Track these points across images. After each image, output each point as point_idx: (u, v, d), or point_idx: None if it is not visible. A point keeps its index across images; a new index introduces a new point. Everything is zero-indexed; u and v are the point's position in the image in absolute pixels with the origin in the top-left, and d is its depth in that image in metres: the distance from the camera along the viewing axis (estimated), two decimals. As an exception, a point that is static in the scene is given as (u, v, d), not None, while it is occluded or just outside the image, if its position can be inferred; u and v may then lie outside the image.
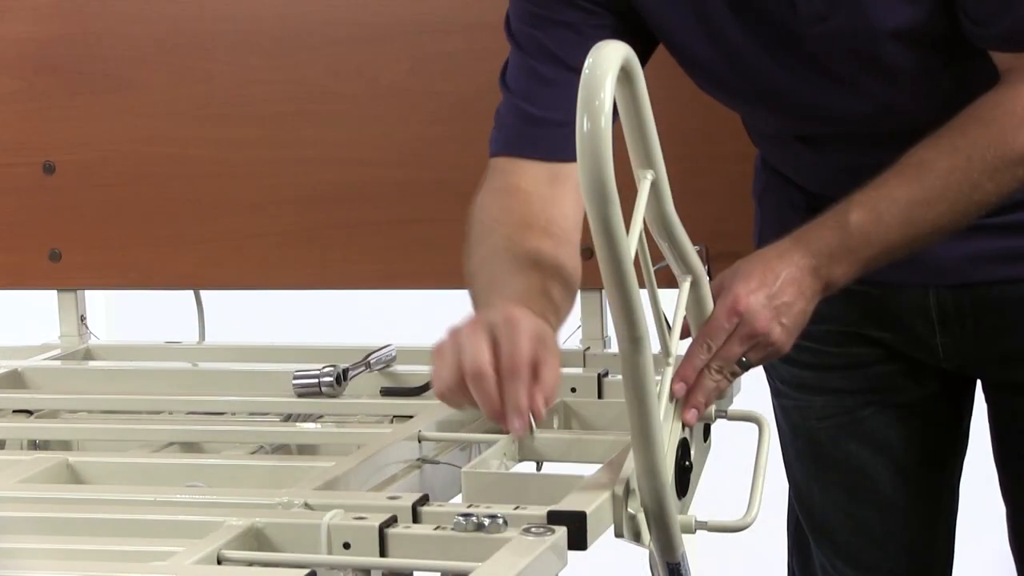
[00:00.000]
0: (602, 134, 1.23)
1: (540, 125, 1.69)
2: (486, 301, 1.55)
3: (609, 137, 1.24)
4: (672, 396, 1.50)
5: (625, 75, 1.30)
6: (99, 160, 2.29)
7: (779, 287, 1.52)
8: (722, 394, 1.54)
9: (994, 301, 1.78)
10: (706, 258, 1.93)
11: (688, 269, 1.51)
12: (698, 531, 1.46)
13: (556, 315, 1.56)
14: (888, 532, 1.92)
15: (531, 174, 1.69)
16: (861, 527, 1.93)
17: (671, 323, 1.53)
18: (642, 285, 1.34)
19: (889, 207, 1.55)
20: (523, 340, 1.43)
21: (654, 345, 1.39)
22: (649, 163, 1.40)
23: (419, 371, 1.99)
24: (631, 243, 1.31)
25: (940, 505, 1.94)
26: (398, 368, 2.02)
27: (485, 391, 1.43)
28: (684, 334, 1.54)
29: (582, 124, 1.24)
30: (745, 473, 1.53)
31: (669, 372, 1.50)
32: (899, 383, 1.88)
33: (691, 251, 1.50)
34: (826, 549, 1.96)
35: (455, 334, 1.47)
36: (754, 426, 1.57)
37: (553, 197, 1.67)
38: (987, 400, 1.90)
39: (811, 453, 1.95)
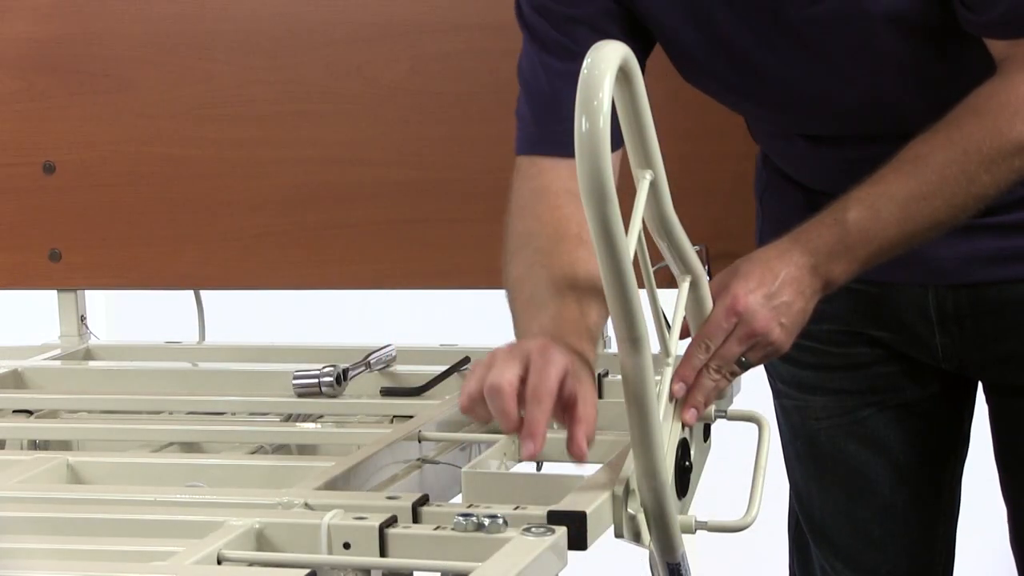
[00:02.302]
0: (600, 134, 1.23)
1: (562, 122, 1.67)
2: (525, 327, 1.56)
3: (608, 137, 1.24)
4: (672, 396, 1.50)
5: (624, 75, 1.30)
6: (99, 160, 2.29)
7: (778, 286, 1.52)
8: (722, 394, 1.53)
9: (993, 301, 1.78)
10: (706, 258, 1.93)
11: (687, 269, 1.51)
12: (698, 531, 1.46)
13: (592, 341, 1.55)
14: (887, 533, 1.92)
15: (557, 172, 1.67)
16: (860, 528, 1.92)
17: (671, 323, 1.53)
18: (641, 285, 1.34)
19: (887, 204, 1.55)
20: (552, 371, 1.42)
21: (653, 345, 1.39)
22: (648, 163, 1.40)
23: (419, 371, 1.99)
24: (630, 243, 1.32)
25: (940, 506, 1.94)
26: (398, 368, 2.02)
27: (499, 406, 1.41)
28: (684, 334, 1.54)
29: (580, 124, 1.24)
30: (745, 473, 1.53)
31: (669, 372, 1.50)
32: (899, 384, 1.88)
33: (690, 251, 1.50)
34: (825, 550, 1.96)
35: (492, 355, 1.46)
36: (754, 426, 1.57)
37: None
38: (988, 401, 1.89)
39: (811, 454, 1.94)
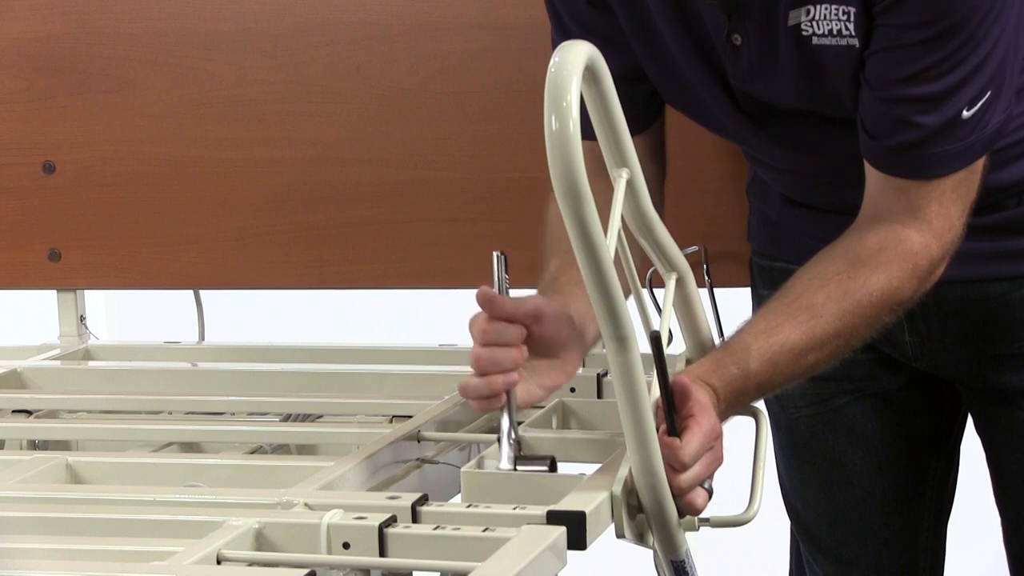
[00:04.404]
0: (571, 134, 1.23)
1: None
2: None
3: (579, 136, 1.24)
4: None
5: (591, 74, 1.30)
6: (99, 160, 2.29)
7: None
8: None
9: (956, 301, 1.78)
10: (704, 258, 1.93)
11: (672, 267, 1.51)
12: (701, 527, 1.46)
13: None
14: (866, 525, 1.92)
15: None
16: (839, 519, 1.93)
17: (660, 320, 1.53)
18: (624, 284, 1.34)
19: (784, 355, 1.55)
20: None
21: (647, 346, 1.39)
22: (623, 161, 1.39)
23: (419, 371, 1.99)
24: (610, 242, 1.31)
25: (922, 504, 1.93)
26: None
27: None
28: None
29: (551, 124, 1.24)
30: (747, 469, 1.53)
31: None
32: (875, 372, 1.88)
33: (673, 247, 1.50)
34: (807, 542, 1.97)
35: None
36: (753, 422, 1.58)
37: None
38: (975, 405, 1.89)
39: (791, 443, 1.95)
